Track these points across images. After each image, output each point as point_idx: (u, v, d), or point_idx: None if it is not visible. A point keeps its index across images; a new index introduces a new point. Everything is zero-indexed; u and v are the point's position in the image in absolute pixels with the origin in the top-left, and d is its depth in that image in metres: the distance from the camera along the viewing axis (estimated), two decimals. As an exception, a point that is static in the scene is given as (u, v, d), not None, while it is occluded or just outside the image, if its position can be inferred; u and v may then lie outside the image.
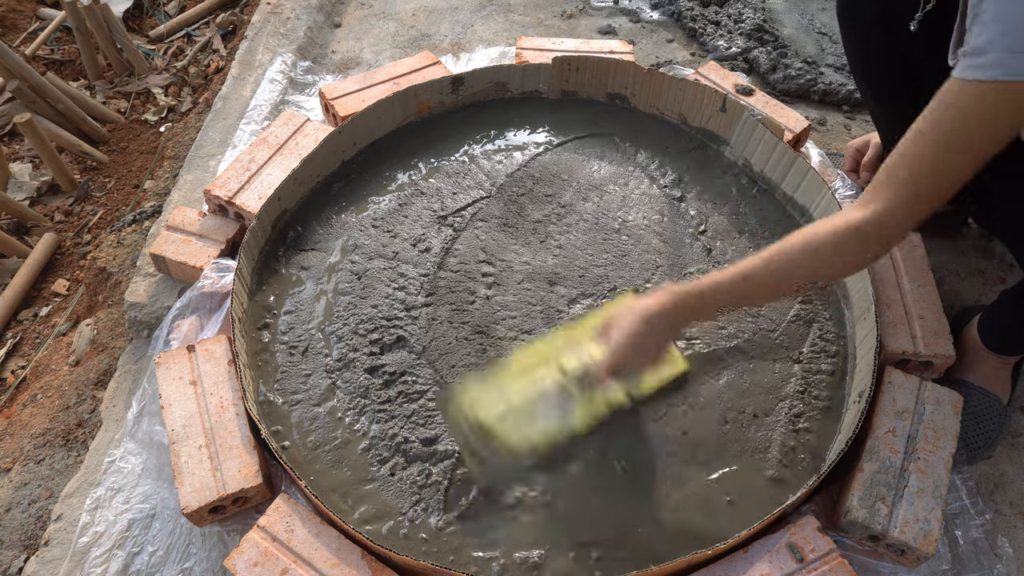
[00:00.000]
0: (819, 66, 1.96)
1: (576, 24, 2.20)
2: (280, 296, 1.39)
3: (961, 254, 1.55)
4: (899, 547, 1.08)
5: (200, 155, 1.75)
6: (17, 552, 1.21)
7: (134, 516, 1.18)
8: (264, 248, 1.44)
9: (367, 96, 1.67)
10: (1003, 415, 1.28)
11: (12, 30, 2.51)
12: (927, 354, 1.26)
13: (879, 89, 1.37)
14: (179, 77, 2.30)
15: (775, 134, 1.51)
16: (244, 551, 1.04)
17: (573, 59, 1.69)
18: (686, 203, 1.55)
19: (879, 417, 1.18)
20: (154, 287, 1.46)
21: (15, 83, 1.96)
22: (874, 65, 1.31)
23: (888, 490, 1.10)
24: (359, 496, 1.15)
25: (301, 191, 1.52)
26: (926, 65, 1.15)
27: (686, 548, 1.09)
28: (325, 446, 1.20)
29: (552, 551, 1.10)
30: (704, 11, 2.16)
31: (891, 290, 1.34)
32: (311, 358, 1.30)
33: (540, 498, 1.14)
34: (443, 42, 2.14)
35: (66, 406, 1.40)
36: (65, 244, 1.88)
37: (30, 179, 2.00)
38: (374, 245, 1.46)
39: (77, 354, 1.51)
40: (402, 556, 1.00)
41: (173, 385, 1.21)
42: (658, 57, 2.06)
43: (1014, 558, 1.16)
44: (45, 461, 1.32)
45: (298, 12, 2.14)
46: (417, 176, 1.59)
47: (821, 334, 1.35)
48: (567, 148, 1.65)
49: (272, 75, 1.91)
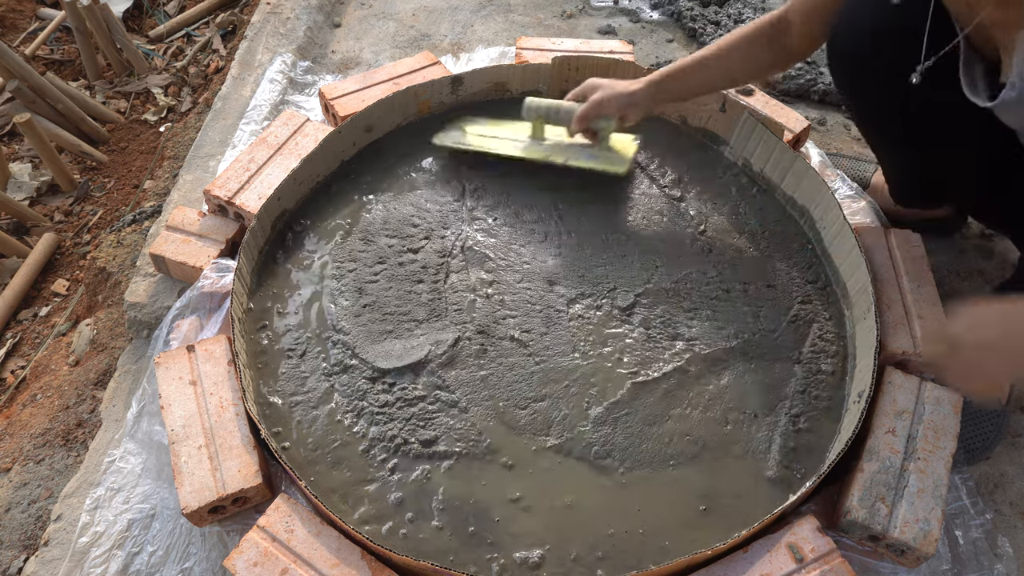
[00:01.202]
0: (819, 66, 1.96)
1: (576, 24, 2.20)
2: (279, 297, 1.39)
3: (961, 254, 1.55)
4: (899, 547, 1.08)
5: (200, 155, 1.75)
6: (17, 552, 1.21)
7: (134, 516, 1.18)
8: (264, 248, 1.44)
9: (367, 96, 1.67)
10: (1002, 417, 1.28)
11: (12, 30, 2.51)
12: (927, 354, 1.26)
13: (875, 126, 1.39)
14: (179, 77, 2.30)
15: (775, 134, 1.51)
16: (244, 551, 1.04)
17: (573, 59, 1.69)
18: (686, 203, 1.55)
19: (879, 417, 1.18)
20: (154, 287, 1.46)
21: (15, 83, 1.96)
22: (874, 111, 1.33)
23: (888, 490, 1.10)
24: (359, 496, 1.15)
25: (301, 191, 1.52)
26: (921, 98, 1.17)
27: (686, 548, 1.09)
28: (325, 446, 1.20)
29: (552, 551, 1.10)
30: (704, 11, 2.16)
31: (891, 290, 1.34)
32: (309, 360, 1.30)
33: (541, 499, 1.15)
34: (443, 42, 2.14)
35: (66, 406, 1.40)
36: (65, 244, 1.88)
37: (30, 179, 2.00)
38: (373, 245, 1.46)
39: (77, 354, 1.51)
40: (402, 556, 1.00)
41: (173, 385, 1.21)
42: (658, 57, 2.06)
43: (1014, 558, 1.16)
44: (45, 461, 1.32)
45: (298, 12, 2.14)
46: (416, 176, 1.59)
47: (821, 334, 1.34)
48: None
49: (272, 75, 1.91)
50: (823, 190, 1.43)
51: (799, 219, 1.50)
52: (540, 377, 1.27)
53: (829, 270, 1.43)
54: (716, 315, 1.36)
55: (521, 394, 1.25)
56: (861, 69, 1.21)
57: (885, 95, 1.22)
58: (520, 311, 1.36)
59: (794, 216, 1.51)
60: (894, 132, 1.31)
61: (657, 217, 1.52)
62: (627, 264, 1.44)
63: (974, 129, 1.07)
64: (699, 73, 1.35)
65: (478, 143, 1.58)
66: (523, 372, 1.28)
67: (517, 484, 1.16)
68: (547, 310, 1.37)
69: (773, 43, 1.30)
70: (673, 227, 1.51)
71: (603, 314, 1.36)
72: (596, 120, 1.46)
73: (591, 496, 1.15)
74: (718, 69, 1.35)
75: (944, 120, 1.15)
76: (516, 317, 1.35)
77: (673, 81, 1.37)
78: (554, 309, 1.37)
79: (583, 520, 1.13)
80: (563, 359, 1.30)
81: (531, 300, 1.38)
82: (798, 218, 1.51)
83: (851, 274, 1.36)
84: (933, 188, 1.46)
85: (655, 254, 1.45)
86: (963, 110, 1.02)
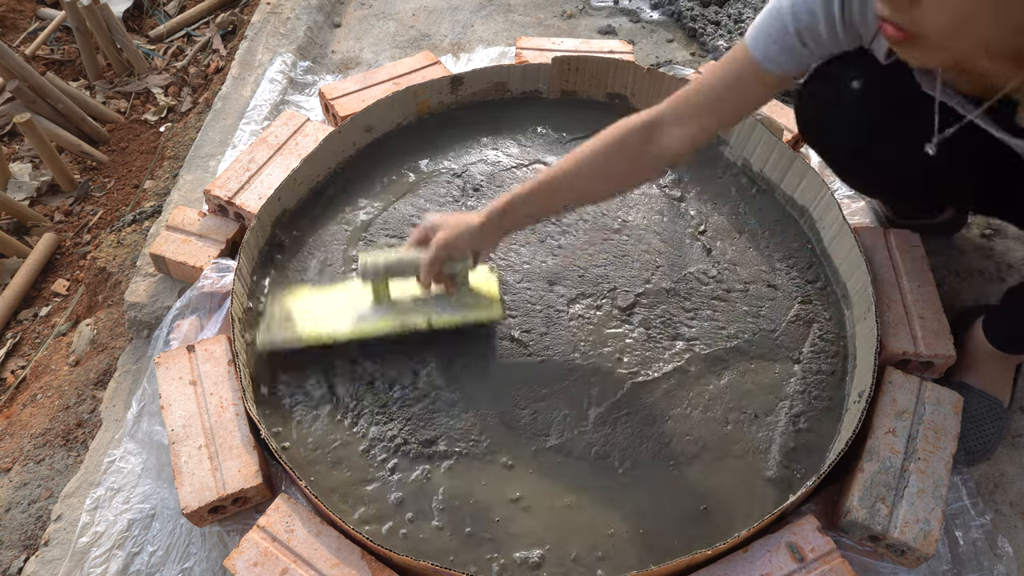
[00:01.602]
0: (819, 66, 1.96)
1: (576, 24, 2.20)
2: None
3: (961, 254, 1.55)
4: (899, 547, 1.08)
5: (200, 155, 1.75)
6: (17, 552, 1.21)
7: (134, 516, 1.18)
8: (264, 248, 1.44)
9: (367, 96, 1.67)
10: (1003, 419, 1.28)
11: (12, 30, 2.51)
12: (927, 354, 1.26)
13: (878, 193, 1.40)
14: (179, 77, 2.30)
15: (774, 134, 1.51)
16: (244, 551, 1.04)
17: (573, 59, 1.69)
18: (686, 203, 1.55)
19: (879, 417, 1.18)
20: (154, 287, 1.46)
21: (15, 83, 1.96)
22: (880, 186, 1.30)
23: (888, 490, 1.10)
24: (359, 496, 1.15)
25: (301, 191, 1.52)
26: None
27: (686, 548, 1.09)
28: (325, 446, 1.20)
29: (552, 551, 1.10)
30: (704, 11, 2.16)
31: (891, 290, 1.34)
32: (309, 360, 1.30)
33: (541, 499, 1.15)
34: (443, 42, 2.14)
35: (66, 406, 1.40)
36: (65, 244, 1.88)
37: (30, 179, 2.00)
38: (373, 245, 1.46)
39: (77, 354, 1.51)
40: (402, 556, 1.00)
41: (173, 385, 1.21)
42: (658, 57, 2.06)
43: (1014, 558, 1.16)
44: (45, 461, 1.32)
45: (298, 12, 2.14)
46: (416, 176, 1.59)
47: (821, 334, 1.35)
48: (567, 148, 1.65)
49: (272, 75, 1.91)
50: (823, 190, 1.43)
51: (799, 219, 1.50)
52: (540, 377, 1.27)
53: (829, 270, 1.43)
54: (716, 315, 1.36)
55: (521, 394, 1.25)
56: (862, 156, 1.15)
57: (892, 171, 1.16)
58: (520, 311, 1.36)
59: (794, 216, 1.51)
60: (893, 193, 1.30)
61: (657, 217, 1.52)
62: (627, 264, 1.44)
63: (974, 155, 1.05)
64: (552, 195, 1.15)
65: (311, 330, 1.26)
66: (523, 372, 1.28)
67: (517, 484, 1.16)
68: (547, 310, 1.37)
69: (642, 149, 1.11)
70: (673, 227, 1.51)
71: (603, 314, 1.36)
72: (450, 264, 1.22)
73: (591, 496, 1.15)
74: (572, 191, 1.15)
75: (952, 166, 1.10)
76: (516, 317, 1.35)
77: (522, 205, 1.15)
78: (554, 309, 1.37)
79: (583, 520, 1.13)
80: (563, 359, 1.30)
81: (531, 300, 1.38)
82: (798, 218, 1.51)
83: (851, 274, 1.36)
84: (931, 206, 1.46)
85: (655, 254, 1.45)
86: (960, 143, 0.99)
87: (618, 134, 1.10)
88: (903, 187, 1.23)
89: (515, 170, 1.60)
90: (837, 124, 1.14)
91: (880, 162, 1.13)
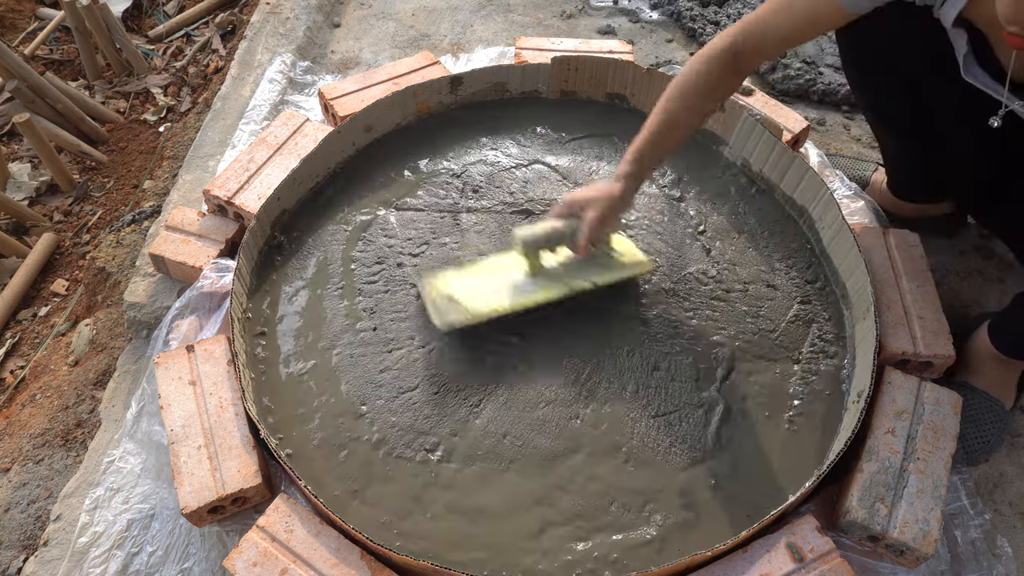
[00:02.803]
0: (818, 66, 1.96)
1: (575, 24, 2.20)
2: (278, 299, 1.38)
3: (961, 254, 1.55)
4: (898, 547, 1.08)
5: (199, 155, 1.75)
6: (16, 552, 1.21)
7: (133, 516, 1.18)
8: (263, 248, 1.44)
9: (366, 96, 1.67)
10: (1004, 420, 1.28)
11: (11, 30, 2.51)
12: (927, 354, 1.26)
13: (883, 115, 1.42)
14: (178, 77, 2.30)
15: (774, 134, 1.51)
16: (243, 551, 1.04)
17: (572, 59, 1.69)
18: (685, 203, 1.55)
19: (878, 417, 1.18)
20: (153, 287, 1.46)
21: (14, 83, 1.96)
22: (884, 103, 1.37)
23: (887, 490, 1.10)
24: (359, 496, 1.15)
25: (300, 191, 1.52)
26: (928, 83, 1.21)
27: (686, 548, 1.09)
28: (325, 446, 1.20)
29: (553, 551, 1.10)
30: (704, 11, 2.16)
31: (890, 290, 1.34)
32: (309, 360, 1.30)
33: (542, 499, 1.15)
34: (442, 42, 2.14)
35: (65, 406, 1.40)
36: (64, 244, 1.88)
37: (29, 179, 2.00)
38: (372, 245, 1.46)
39: (76, 354, 1.51)
40: (402, 556, 1.00)
41: (172, 385, 1.21)
42: (657, 57, 2.06)
43: (1013, 558, 1.16)
44: (44, 461, 1.32)
45: (297, 12, 2.14)
46: (416, 176, 1.59)
47: (821, 334, 1.35)
48: (566, 148, 1.65)
49: (271, 75, 1.91)
50: (822, 190, 1.43)
51: (798, 219, 1.50)
52: (540, 378, 1.27)
53: (828, 270, 1.43)
54: (716, 315, 1.36)
55: (522, 395, 1.26)
56: (876, 64, 1.21)
57: (897, 91, 1.23)
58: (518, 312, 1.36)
59: (793, 216, 1.51)
60: (901, 123, 1.31)
61: (657, 217, 1.52)
62: (627, 264, 1.44)
63: (977, 132, 1.07)
64: (670, 134, 1.23)
65: (483, 307, 1.30)
66: (523, 372, 1.28)
67: (518, 484, 1.16)
68: (546, 310, 1.36)
69: (728, 75, 1.21)
70: (672, 227, 1.51)
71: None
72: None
73: (591, 496, 1.15)
74: (687, 124, 1.23)
75: (951, 118, 1.16)
76: (516, 317, 1.35)
77: (650, 157, 1.24)
78: (553, 309, 1.36)
79: (584, 520, 1.13)
80: (563, 359, 1.30)
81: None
82: (797, 218, 1.51)
83: (850, 274, 1.36)
84: (932, 184, 1.46)
85: (655, 254, 1.45)
86: (970, 111, 1.03)
87: (707, 69, 1.19)
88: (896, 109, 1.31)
89: (514, 170, 1.60)
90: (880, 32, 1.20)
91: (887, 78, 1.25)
